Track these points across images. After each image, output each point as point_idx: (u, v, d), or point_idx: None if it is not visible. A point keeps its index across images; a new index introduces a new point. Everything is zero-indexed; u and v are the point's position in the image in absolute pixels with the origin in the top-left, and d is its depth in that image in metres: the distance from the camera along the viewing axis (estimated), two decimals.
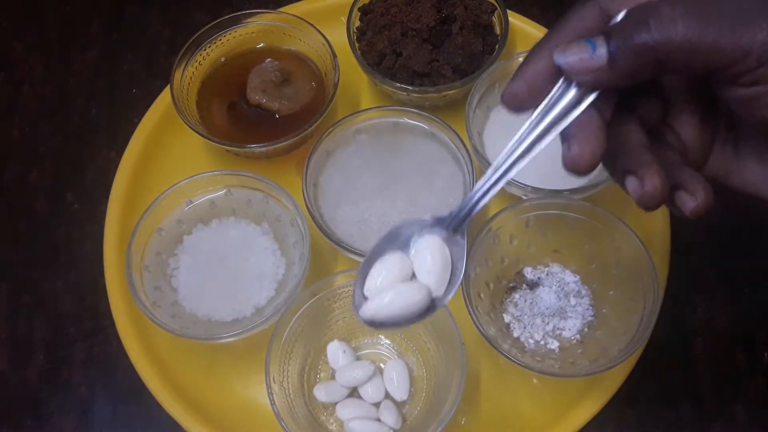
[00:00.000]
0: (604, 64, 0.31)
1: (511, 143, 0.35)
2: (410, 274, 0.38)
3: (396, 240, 0.39)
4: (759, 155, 0.35)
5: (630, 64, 0.31)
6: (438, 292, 0.38)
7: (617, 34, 0.31)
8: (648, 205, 0.33)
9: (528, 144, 0.34)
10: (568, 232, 0.56)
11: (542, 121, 0.33)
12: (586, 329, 0.55)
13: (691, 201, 0.34)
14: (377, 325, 0.38)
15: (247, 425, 0.54)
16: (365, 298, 0.38)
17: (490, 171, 0.36)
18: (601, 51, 0.31)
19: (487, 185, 0.36)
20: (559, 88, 0.33)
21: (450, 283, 0.38)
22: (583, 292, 0.56)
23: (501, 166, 0.35)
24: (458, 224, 0.38)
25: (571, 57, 0.32)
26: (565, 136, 0.33)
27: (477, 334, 0.50)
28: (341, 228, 0.57)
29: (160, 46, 0.72)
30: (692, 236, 0.60)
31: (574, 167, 0.33)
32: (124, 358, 0.56)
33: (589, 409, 0.53)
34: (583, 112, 0.32)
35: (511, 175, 0.35)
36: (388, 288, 0.38)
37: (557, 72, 0.33)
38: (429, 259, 0.38)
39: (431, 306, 0.38)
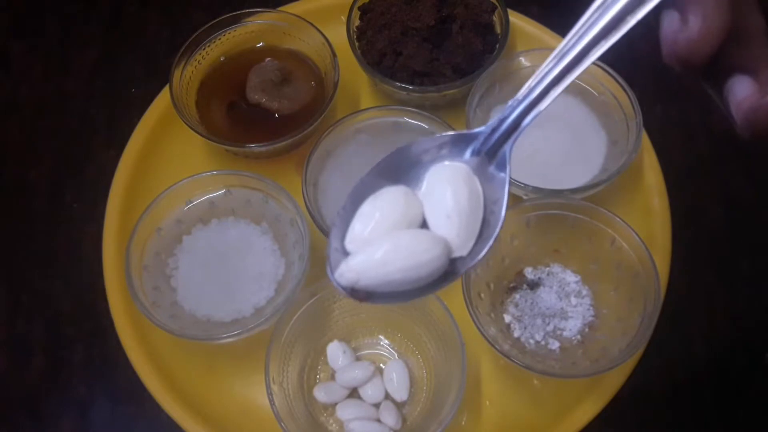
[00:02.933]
0: None
1: (591, 10, 0.24)
2: (419, 219, 0.26)
3: (398, 168, 0.26)
4: None
5: None
6: (462, 249, 0.25)
7: None
8: (761, 124, 0.23)
9: (619, 9, 0.23)
10: (569, 232, 0.55)
11: None
12: (586, 329, 0.55)
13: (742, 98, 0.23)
14: (362, 295, 0.26)
15: (246, 426, 0.54)
16: (346, 253, 0.27)
17: (554, 55, 0.25)
18: None
19: (550, 76, 0.25)
20: None
21: (480, 236, 0.25)
22: (584, 292, 0.56)
23: (574, 45, 0.24)
24: (497, 145, 0.25)
25: None
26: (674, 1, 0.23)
27: (477, 334, 0.50)
28: None
29: (159, 46, 0.72)
30: (693, 236, 0.60)
31: (688, 51, 0.22)
32: (123, 358, 0.55)
33: (589, 410, 0.53)
34: None
35: (591, 60, 0.24)
36: (382, 237, 0.25)
37: None
38: (449, 198, 0.25)
39: (450, 271, 0.25)
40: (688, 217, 0.60)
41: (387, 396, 0.53)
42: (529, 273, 0.57)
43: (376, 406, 0.53)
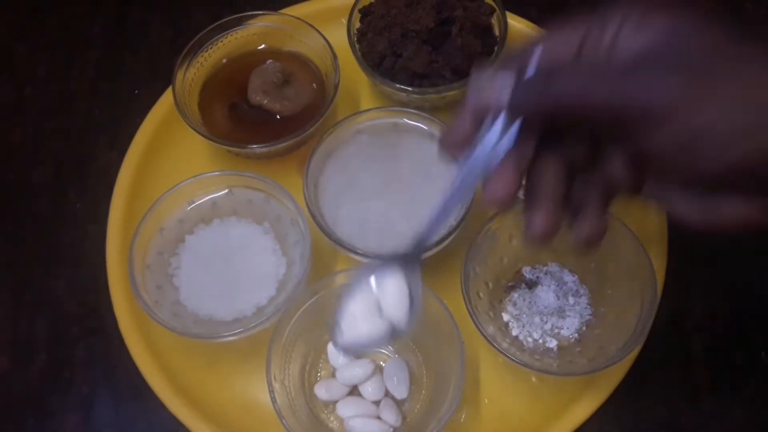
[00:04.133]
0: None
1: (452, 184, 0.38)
2: (378, 309, 0.43)
3: (364, 279, 0.44)
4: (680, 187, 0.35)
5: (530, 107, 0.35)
6: (400, 324, 0.43)
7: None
8: (534, 241, 0.38)
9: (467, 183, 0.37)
10: (567, 231, 0.56)
11: (471, 169, 0.37)
12: (584, 328, 0.55)
13: (576, 233, 0.40)
14: (351, 351, 0.50)
15: (248, 423, 0.54)
16: (342, 332, 0.44)
17: (435, 209, 0.39)
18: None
19: (433, 223, 0.40)
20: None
21: (411, 313, 0.43)
22: (582, 291, 0.57)
23: (446, 205, 0.39)
24: (412, 259, 0.42)
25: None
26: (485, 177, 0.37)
27: (476, 333, 0.51)
28: (341, 228, 0.57)
29: (162, 47, 0.72)
30: (690, 236, 0.60)
31: (491, 202, 0.37)
32: (126, 357, 0.56)
33: (587, 407, 0.53)
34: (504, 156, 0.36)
35: (451, 213, 0.41)
36: (359, 323, 0.43)
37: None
38: (390, 296, 0.43)
39: (395, 333, 0.43)
40: None
41: (387, 393, 0.54)
42: (528, 272, 0.57)
43: (377, 403, 0.53)
